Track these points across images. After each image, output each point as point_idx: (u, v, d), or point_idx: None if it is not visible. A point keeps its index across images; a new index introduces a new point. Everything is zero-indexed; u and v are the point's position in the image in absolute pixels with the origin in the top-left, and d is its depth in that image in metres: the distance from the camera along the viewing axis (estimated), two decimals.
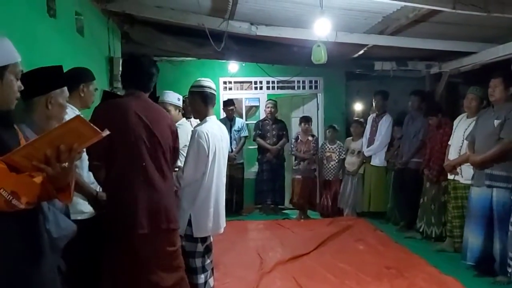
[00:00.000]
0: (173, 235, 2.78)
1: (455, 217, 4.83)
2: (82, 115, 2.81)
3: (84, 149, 1.59)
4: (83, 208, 2.78)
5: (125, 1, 4.96)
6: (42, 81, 2.23)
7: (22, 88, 1.69)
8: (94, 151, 2.55)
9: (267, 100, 7.50)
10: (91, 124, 1.50)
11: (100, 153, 2.57)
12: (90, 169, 2.75)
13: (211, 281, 3.27)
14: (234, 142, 7.05)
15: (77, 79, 2.91)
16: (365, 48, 6.21)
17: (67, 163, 1.47)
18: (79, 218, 2.65)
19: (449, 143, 4.99)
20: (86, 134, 1.48)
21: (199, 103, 3.23)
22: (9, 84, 1.61)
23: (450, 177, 4.93)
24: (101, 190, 2.91)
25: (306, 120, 6.99)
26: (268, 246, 5.28)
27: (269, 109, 7.22)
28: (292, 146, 6.98)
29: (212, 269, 3.36)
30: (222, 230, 3.33)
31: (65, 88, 2.36)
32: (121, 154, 2.60)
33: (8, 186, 1.40)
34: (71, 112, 2.74)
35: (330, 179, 6.99)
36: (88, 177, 2.81)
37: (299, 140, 6.93)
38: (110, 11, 5.00)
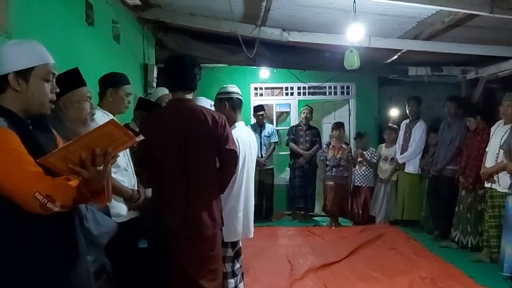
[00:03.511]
0: (208, 241, 2.78)
1: (492, 227, 4.69)
2: (115, 119, 2.89)
3: (119, 154, 1.59)
4: (120, 211, 2.84)
5: (159, 9, 5.08)
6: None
7: (58, 90, 1.66)
8: (135, 158, 2.83)
9: (304, 106, 7.45)
10: (125, 129, 1.52)
11: (138, 160, 2.79)
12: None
13: (241, 286, 3.28)
14: (264, 147, 7.04)
15: (104, 84, 2.92)
16: (399, 53, 6.14)
17: (102, 167, 1.49)
18: (116, 221, 2.71)
19: (486, 150, 4.87)
20: (120, 138, 1.49)
21: (228, 109, 3.22)
22: (36, 86, 1.58)
23: (487, 185, 4.80)
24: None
25: (338, 126, 6.93)
26: (298, 252, 5.25)
27: (304, 115, 7.19)
28: (323, 152, 6.93)
29: (242, 274, 3.36)
30: (252, 235, 3.34)
31: (78, 90, 2.31)
32: (156, 163, 2.70)
33: (43, 189, 1.43)
34: (105, 117, 2.78)
35: (361, 185, 6.90)
36: (123, 181, 2.88)
37: (331, 146, 6.87)
38: (145, 19, 5.14)
